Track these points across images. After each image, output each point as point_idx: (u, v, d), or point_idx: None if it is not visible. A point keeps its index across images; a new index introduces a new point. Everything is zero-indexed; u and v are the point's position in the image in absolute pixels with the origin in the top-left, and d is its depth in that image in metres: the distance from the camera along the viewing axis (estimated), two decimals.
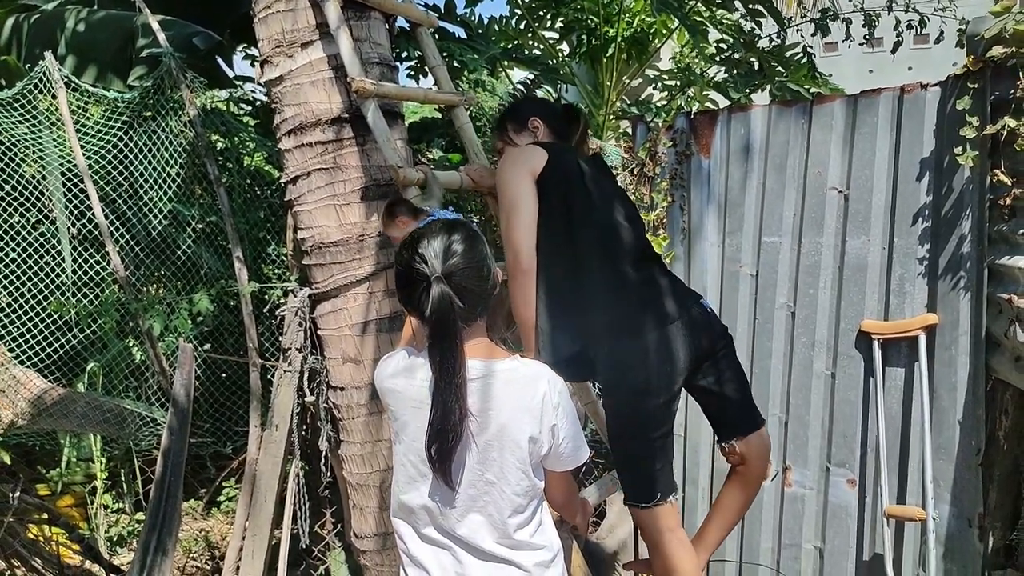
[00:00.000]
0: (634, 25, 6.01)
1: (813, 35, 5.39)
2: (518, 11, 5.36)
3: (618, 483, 2.46)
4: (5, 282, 3.66)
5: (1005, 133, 2.71)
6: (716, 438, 2.31)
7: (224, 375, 4.08)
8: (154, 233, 3.88)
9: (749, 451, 2.23)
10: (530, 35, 5.60)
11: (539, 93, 5.78)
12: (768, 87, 5.13)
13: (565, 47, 6.23)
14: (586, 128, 2.44)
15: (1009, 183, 2.76)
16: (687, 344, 2.09)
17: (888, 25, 5.40)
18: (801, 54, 5.19)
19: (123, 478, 4.16)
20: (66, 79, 3.65)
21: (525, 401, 1.54)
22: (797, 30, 5.58)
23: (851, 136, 3.15)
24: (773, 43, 5.37)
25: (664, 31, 6.03)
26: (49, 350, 3.65)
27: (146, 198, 3.83)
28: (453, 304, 1.48)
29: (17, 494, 3.40)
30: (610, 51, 5.71)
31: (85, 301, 3.76)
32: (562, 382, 1.60)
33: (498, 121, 2.47)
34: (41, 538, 3.72)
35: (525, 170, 2.12)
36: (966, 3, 5.63)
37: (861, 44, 5.34)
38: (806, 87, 5.14)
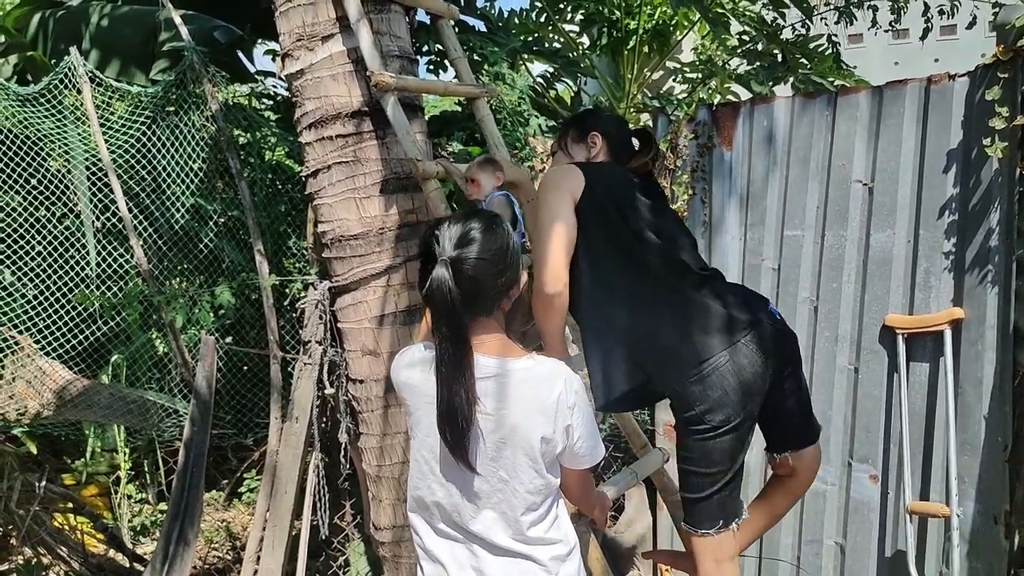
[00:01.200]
0: (655, 17, 5.97)
1: (837, 23, 5.30)
2: (539, 4, 5.34)
3: (638, 477, 2.45)
4: (32, 275, 3.72)
5: None
6: (765, 446, 2.19)
7: (245, 367, 4.11)
8: (177, 227, 3.92)
9: (801, 465, 2.14)
10: (550, 28, 5.58)
11: (559, 87, 5.76)
12: (791, 79, 5.07)
13: (586, 40, 6.20)
14: (656, 155, 2.33)
15: None
16: (756, 364, 1.91)
17: (915, 16, 5.30)
18: (826, 44, 5.12)
19: (146, 468, 4.22)
20: (90, 74, 3.69)
21: (539, 401, 1.52)
22: (822, 19, 5.50)
23: (876, 128, 3.10)
24: (796, 34, 5.31)
25: (686, 23, 5.98)
26: (74, 342, 3.70)
27: (169, 192, 3.86)
28: (450, 288, 1.46)
29: (43, 483, 3.46)
30: (631, 44, 5.68)
31: (109, 294, 3.80)
32: (579, 381, 1.58)
33: (562, 125, 2.40)
34: (66, 527, 3.78)
35: (565, 194, 2.04)
36: None
37: (887, 31, 5.24)
38: (830, 79, 5.07)
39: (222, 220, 4.05)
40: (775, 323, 2.01)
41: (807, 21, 5.18)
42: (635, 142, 2.35)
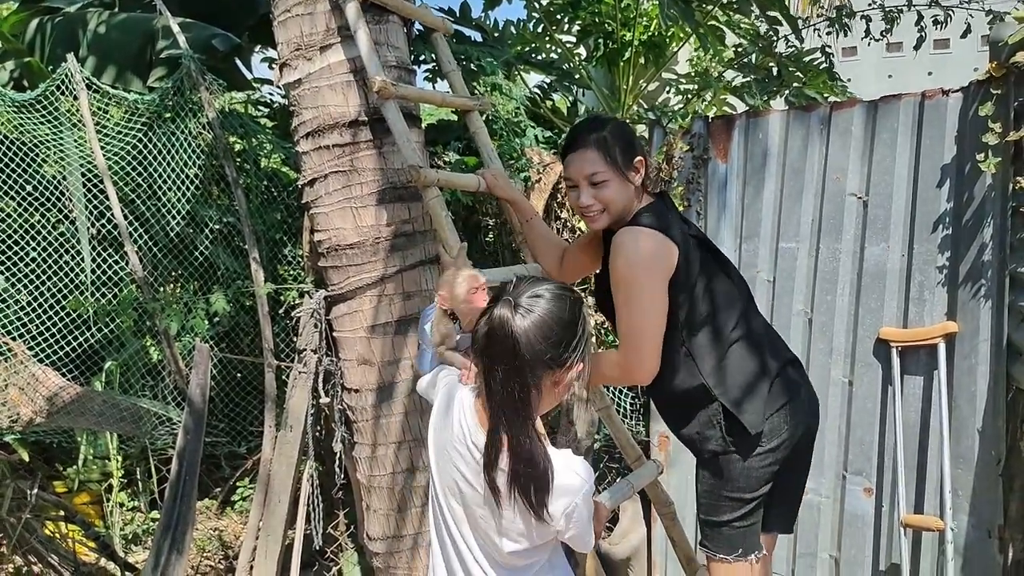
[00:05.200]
0: (651, 29, 6.00)
1: (828, 33, 5.33)
2: (535, 15, 5.36)
3: (633, 489, 2.44)
4: (26, 280, 3.70)
5: None
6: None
7: (239, 375, 4.10)
8: (172, 233, 3.91)
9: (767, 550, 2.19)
10: (547, 39, 5.60)
11: (555, 97, 5.77)
12: (786, 93, 5.09)
13: (582, 51, 6.22)
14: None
15: None
16: (807, 419, 2.10)
17: (908, 29, 5.34)
18: (821, 58, 5.15)
19: (139, 476, 4.19)
20: (87, 81, 3.69)
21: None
22: (815, 30, 5.52)
23: (871, 142, 3.12)
24: (790, 47, 5.33)
25: (681, 35, 6.01)
26: (68, 348, 3.68)
27: (164, 199, 3.86)
28: (512, 329, 1.39)
29: (35, 491, 3.44)
30: (627, 55, 5.70)
31: (103, 300, 3.79)
32: (589, 489, 1.49)
33: (598, 140, 2.01)
34: (57, 535, 3.76)
35: (662, 275, 1.92)
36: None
37: (877, 40, 5.25)
38: (824, 95, 5.10)
39: (217, 227, 4.04)
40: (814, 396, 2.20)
41: (798, 35, 5.20)
42: None
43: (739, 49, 5.67)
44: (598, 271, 2.24)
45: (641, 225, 1.95)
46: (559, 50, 5.74)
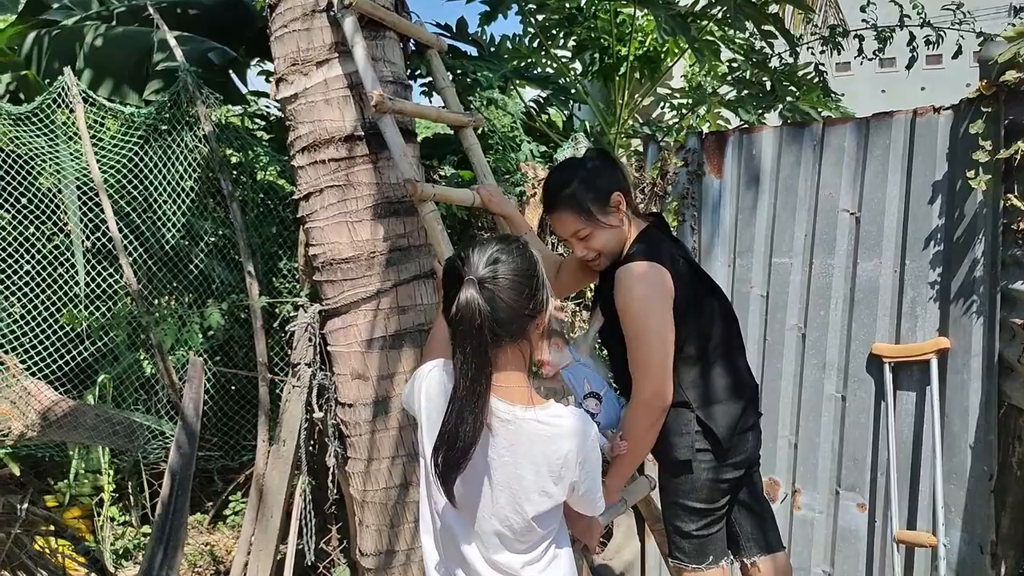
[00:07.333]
0: (646, 44, 6.05)
1: (822, 52, 5.38)
2: (531, 30, 5.40)
3: (627, 504, 2.44)
4: (20, 294, 3.69)
5: (1019, 158, 2.70)
6: (735, 555, 2.32)
7: (233, 388, 4.09)
8: (167, 247, 3.91)
9: (776, 572, 2.25)
10: (543, 54, 5.64)
11: (551, 110, 5.80)
12: (780, 108, 5.13)
13: (578, 65, 6.26)
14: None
15: (1022, 208, 2.74)
16: (758, 447, 2.29)
17: (902, 45, 5.38)
18: (813, 73, 5.19)
19: (130, 491, 4.17)
20: (84, 94, 3.69)
21: (548, 456, 1.49)
22: (808, 48, 5.57)
23: (863, 158, 3.14)
24: (784, 63, 5.38)
25: (676, 50, 6.05)
26: (60, 362, 3.67)
27: (160, 212, 3.86)
28: (479, 308, 1.41)
29: (25, 506, 3.41)
30: (622, 69, 5.74)
31: (98, 314, 3.78)
32: (595, 435, 1.56)
33: (568, 199, 2.10)
34: (47, 550, 3.73)
35: (665, 304, 2.00)
36: (981, 17, 5.58)
37: (870, 59, 5.31)
38: (818, 110, 5.13)
39: (213, 240, 4.04)
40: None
41: (794, 51, 5.24)
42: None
43: (733, 64, 5.70)
44: (602, 303, 2.27)
45: (635, 261, 2.04)
46: (555, 65, 5.77)
